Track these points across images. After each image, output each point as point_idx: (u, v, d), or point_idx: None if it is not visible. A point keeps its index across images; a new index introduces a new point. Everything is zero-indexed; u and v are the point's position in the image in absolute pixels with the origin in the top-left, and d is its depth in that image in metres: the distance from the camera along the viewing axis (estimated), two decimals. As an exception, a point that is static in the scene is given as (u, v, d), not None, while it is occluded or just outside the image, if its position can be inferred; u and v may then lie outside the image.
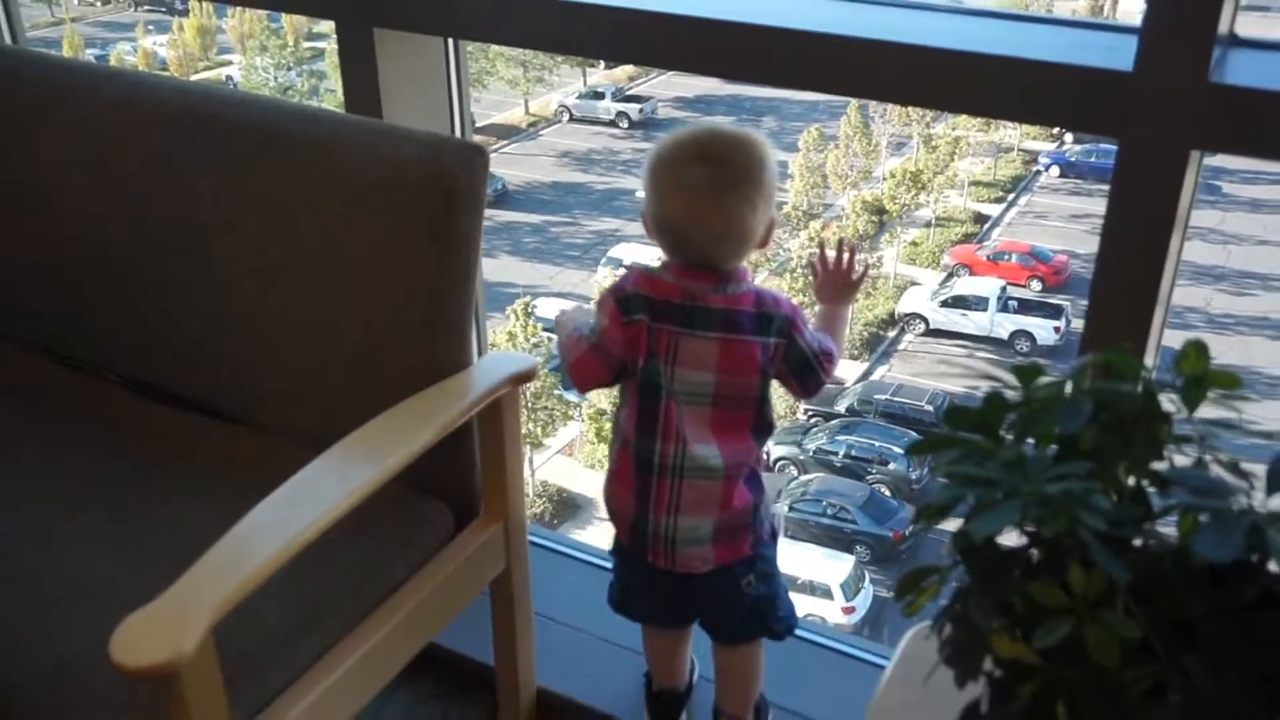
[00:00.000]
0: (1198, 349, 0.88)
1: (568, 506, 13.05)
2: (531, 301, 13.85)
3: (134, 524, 1.49)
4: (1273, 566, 0.83)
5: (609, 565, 2.02)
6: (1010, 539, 0.86)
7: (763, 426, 1.49)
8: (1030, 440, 0.88)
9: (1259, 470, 0.82)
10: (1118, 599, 0.78)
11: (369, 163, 1.52)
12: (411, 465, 1.39)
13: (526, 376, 1.55)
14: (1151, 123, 1.26)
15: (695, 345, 1.43)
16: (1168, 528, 0.85)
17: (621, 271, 13.70)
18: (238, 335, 1.64)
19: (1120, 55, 1.27)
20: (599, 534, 11.43)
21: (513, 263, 14.00)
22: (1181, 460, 0.86)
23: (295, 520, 1.26)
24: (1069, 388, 0.89)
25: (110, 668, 1.10)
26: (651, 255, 1.50)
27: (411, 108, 1.84)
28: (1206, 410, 0.87)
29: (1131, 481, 0.87)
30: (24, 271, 1.83)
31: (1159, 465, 0.87)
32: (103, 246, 1.73)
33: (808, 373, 1.49)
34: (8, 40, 2.43)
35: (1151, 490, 0.87)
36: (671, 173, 1.42)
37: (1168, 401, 0.87)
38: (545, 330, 12.80)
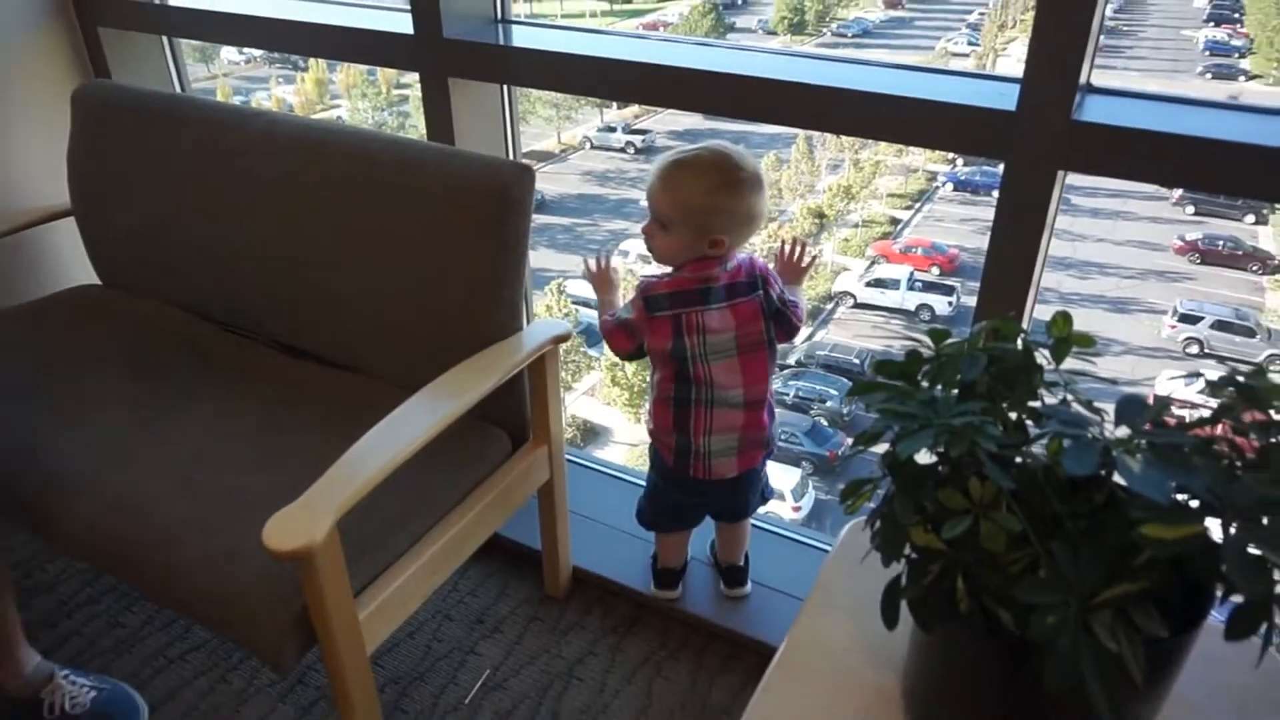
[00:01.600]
0: (1064, 317, 0.87)
1: (592, 433, 13.09)
2: (563, 283, 13.79)
3: (277, 447, 1.49)
4: (1116, 479, 0.83)
5: (625, 476, 2.04)
6: (924, 459, 0.86)
7: (772, 364, 1.50)
8: (939, 385, 0.88)
9: (1108, 407, 0.82)
10: (1003, 502, 0.78)
11: (445, 178, 1.51)
12: (479, 403, 1.39)
13: (564, 338, 1.54)
14: (1029, 149, 1.24)
15: (715, 315, 1.44)
16: (1040, 450, 0.85)
17: (629, 259, 13.64)
18: (352, 307, 1.63)
19: (1006, 98, 1.25)
20: (615, 454, 11.51)
21: (549, 254, 13.95)
22: (1051, 400, 0.85)
23: (396, 442, 1.26)
24: (969, 346, 0.89)
25: (263, 552, 1.11)
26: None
27: (476, 137, 1.82)
28: (1069, 364, 0.87)
29: (1014, 416, 0.87)
30: (196, 260, 1.82)
31: (1034, 404, 0.86)
32: (253, 242, 1.72)
33: (781, 318, 1.49)
34: (179, 89, 2.41)
35: (1029, 423, 0.86)
36: (737, 190, 1.38)
37: (1040, 357, 0.87)
38: (574, 304, 12.74)
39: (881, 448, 0.91)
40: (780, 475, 10.92)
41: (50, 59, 2.23)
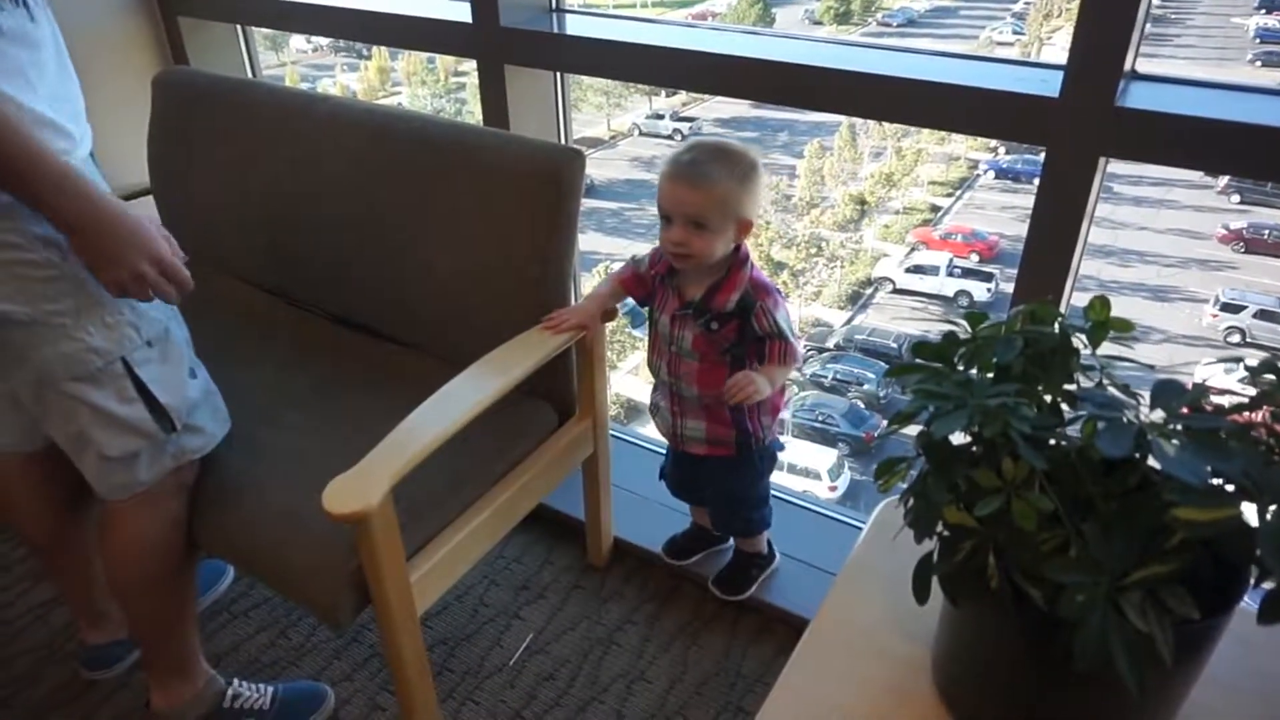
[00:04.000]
0: (1102, 301, 0.85)
1: (634, 410, 13.12)
2: (609, 266, 13.81)
3: (335, 415, 1.51)
4: (1150, 462, 0.81)
5: (662, 451, 2.04)
6: (958, 439, 0.85)
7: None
8: (975, 368, 0.86)
9: (1144, 393, 0.80)
10: (1036, 482, 0.77)
11: (501, 161, 1.51)
12: (528, 377, 1.40)
13: (609, 316, 1.54)
14: (1070, 136, 1.21)
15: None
16: (1073, 433, 0.83)
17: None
18: (409, 284, 1.65)
19: (1050, 85, 1.22)
20: (657, 430, 11.46)
21: (598, 236, 13.94)
22: (1086, 384, 0.84)
23: (447, 415, 1.27)
24: (1005, 329, 0.87)
25: (321, 514, 1.13)
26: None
27: (530, 122, 1.82)
28: (1105, 350, 0.85)
29: (1049, 399, 0.85)
30: (262, 237, 1.85)
31: (1069, 387, 0.85)
32: (317, 221, 1.75)
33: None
34: (251, 76, 2.45)
35: (1063, 406, 0.85)
36: (757, 170, 1.36)
37: (1077, 341, 0.85)
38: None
39: (912, 430, 0.91)
40: (816, 456, 10.87)
41: (133, 46, 2.30)
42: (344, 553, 1.24)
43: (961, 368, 0.88)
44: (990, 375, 0.85)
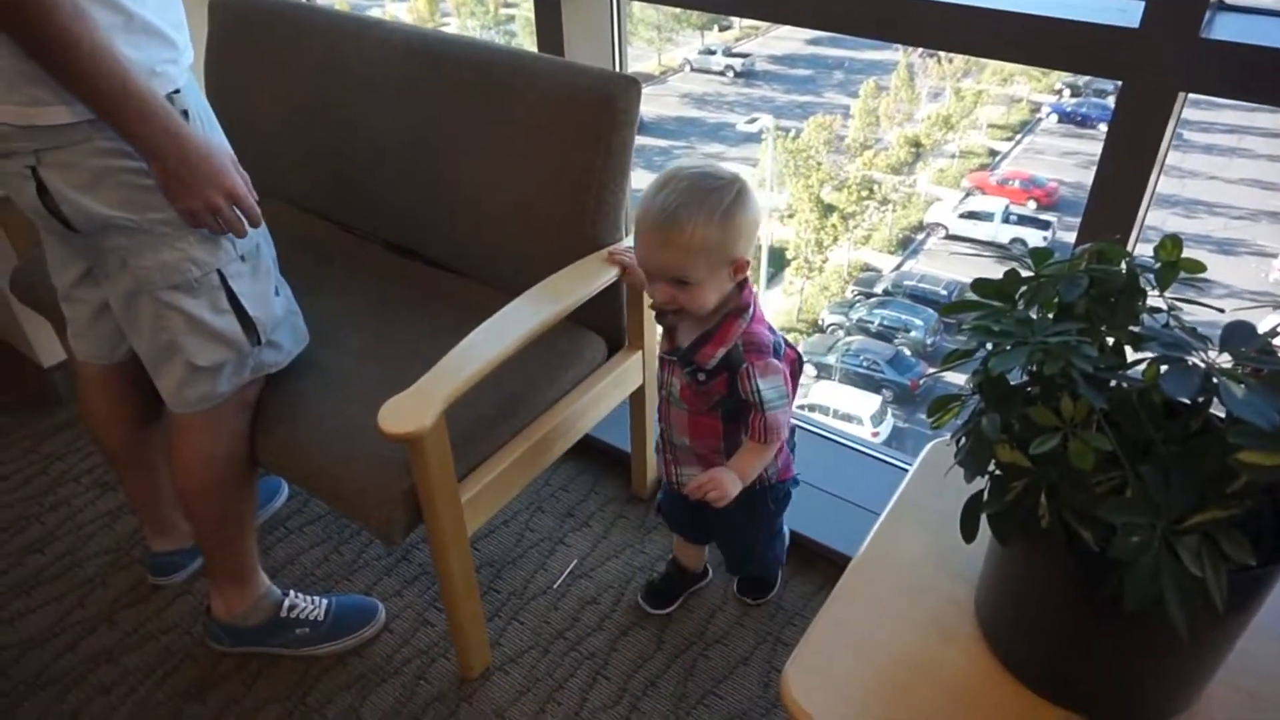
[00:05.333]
0: (1174, 241, 0.82)
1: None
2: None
3: (391, 339, 1.53)
4: (1214, 408, 0.79)
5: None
6: (1014, 378, 0.84)
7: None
8: (1035, 307, 0.85)
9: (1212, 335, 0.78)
10: (1094, 422, 0.76)
11: (556, 89, 1.49)
12: (579, 308, 1.41)
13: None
14: (1150, 68, 1.16)
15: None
16: (1135, 375, 0.81)
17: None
18: (462, 212, 1.65)
19: (1130, 15, 1.17)
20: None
21: (645, 174, 13.84)
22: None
23: (500, 340, 1.28)
24: (1069, 267, 0.85)
25: (377, 433, 1.16)
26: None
27: (586, 50, 1.79)
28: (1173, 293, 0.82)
29: (1110, 341, 0.83)
30: (317, 163, 1.86)
31: (1134, 329, 0.83)
32: (371, 147, 1.75)
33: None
34: (304, 1, 2.43)
35: (1127, 348, 0.83)
36: (742, 201, 1.17)
37: (1144, 282, 0.83)
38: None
39: (956, 378, 0.89)
40: (859, 401, 10.82)
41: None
42: (398, 472, 1.26)
43: (1021, 306, 0.86)
44: (1051, 315, 0.83)
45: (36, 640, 1.64)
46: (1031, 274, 0.86)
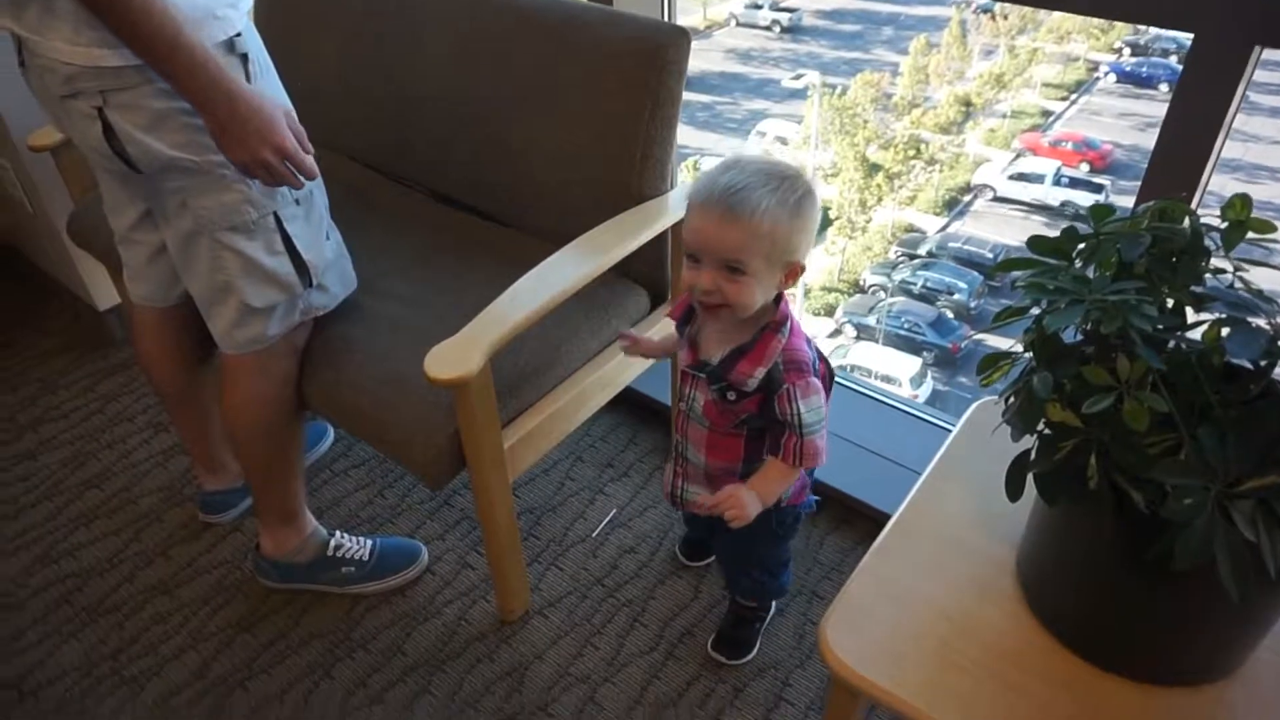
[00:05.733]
0: (1242, 200, 0.80)
1: (718, 306, 13.10)
2: (699, 160, 13.54)
3: (435, 288, 1.54)
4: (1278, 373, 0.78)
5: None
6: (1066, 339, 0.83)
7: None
8: (1093, 265, 0.83)
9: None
10: (1150, 382, 0.74)
11: (604, 39, 1.48)
12: (623, 261, 1.40)
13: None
14: (1224, 20, 1.11)
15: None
16: (1195, 337, 0.80)
17: (766, 139, 13.17)
18: (507, 164, 1.64)
19: (1204, -35, 1.12)
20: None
21: (689, 130, 13.62)
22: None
23: (545, 290, 1.29)
24: (1131, 225, 0.83)
25: (422, 379, 1.17)
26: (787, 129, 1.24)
27: (634, 1, 1.76)
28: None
29: (1170, 302, 0.82)
30: (364, 112, 1.86)
31: (1196, 289, 0.81)
32: (422, 98, 1.74)
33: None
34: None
35: (1188, 309, 0.81)
36: (813, 196, 1.07)
37: (1210, 241, 0.81)
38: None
39: (998, 342, 0.88)
40: (899, 363, 10.73)
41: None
42: (443, 417, 1.28)
43: (1079, 264, 0.85)
44: (1109, 274, 0.81)
45: (96, 570, 1.70)
46: (1090, 231, 0.84)
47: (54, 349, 2.24)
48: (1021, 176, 12.71)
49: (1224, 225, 0.79)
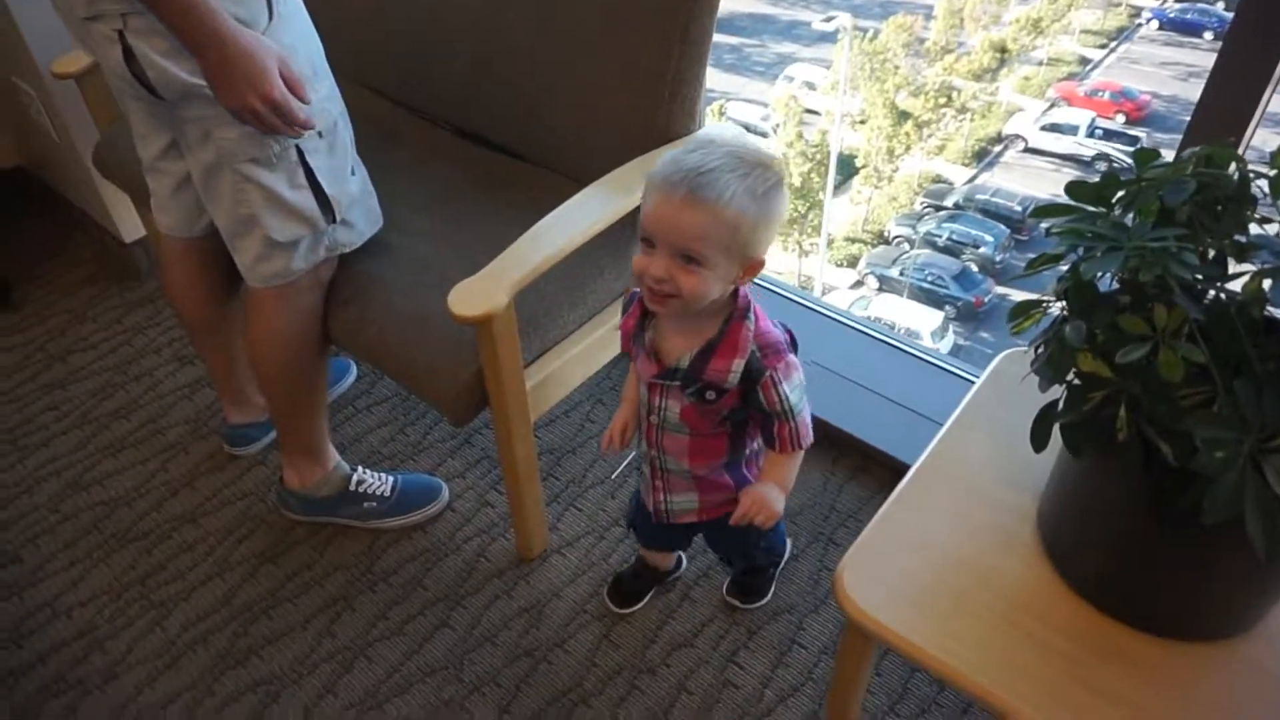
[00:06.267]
0: (1293, 147, 0.77)
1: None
2: (724, 105, 13.31)
3: (460, 225, 1.53)
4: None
5: (780, 290, 2.01)
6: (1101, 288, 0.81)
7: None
8: (1133, 212, 0.81)
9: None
10: (1186, 333, 0.73)
11: (634, -28, 1.43)
12: (649, 201, 1.38)
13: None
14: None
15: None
16: (1235, 289, 0.78)
17: (794, 84, 12.88)
18: (533, 100, 1.61)
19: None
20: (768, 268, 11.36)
21: (715, 73, 13.43)
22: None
23: (569, 229, 1.28)
24: (1174, 170, 0.80)
25: (446, 316, 1.17)
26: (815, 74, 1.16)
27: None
28: None
29: (1213, 252, 0.80)
30: (389, 46, 1.83)
31: (1241, 238, 0.78)
32: (451, 31, 1.70)
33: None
34: None
35: (1230, 260, 0.79)
36: (782, 186, 0.98)
37: (1257, 189, 0.78)
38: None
39: (1020, 296, 0.86)
40: (920, 315, 10.64)
41: None
42: (466, 354, 1.28)
43: (1119, 211, 0.82)
44: (1150, 222, 0.79)
45: (124, 499, 1.73)
46: (1132, 177, 0.82)
47: (81, 281, 2.25)
48: (1054, 127, 12.42)
49: (1273, 173, 0.77)
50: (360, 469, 1.64)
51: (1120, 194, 0.82)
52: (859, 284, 11.68)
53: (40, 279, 2.26)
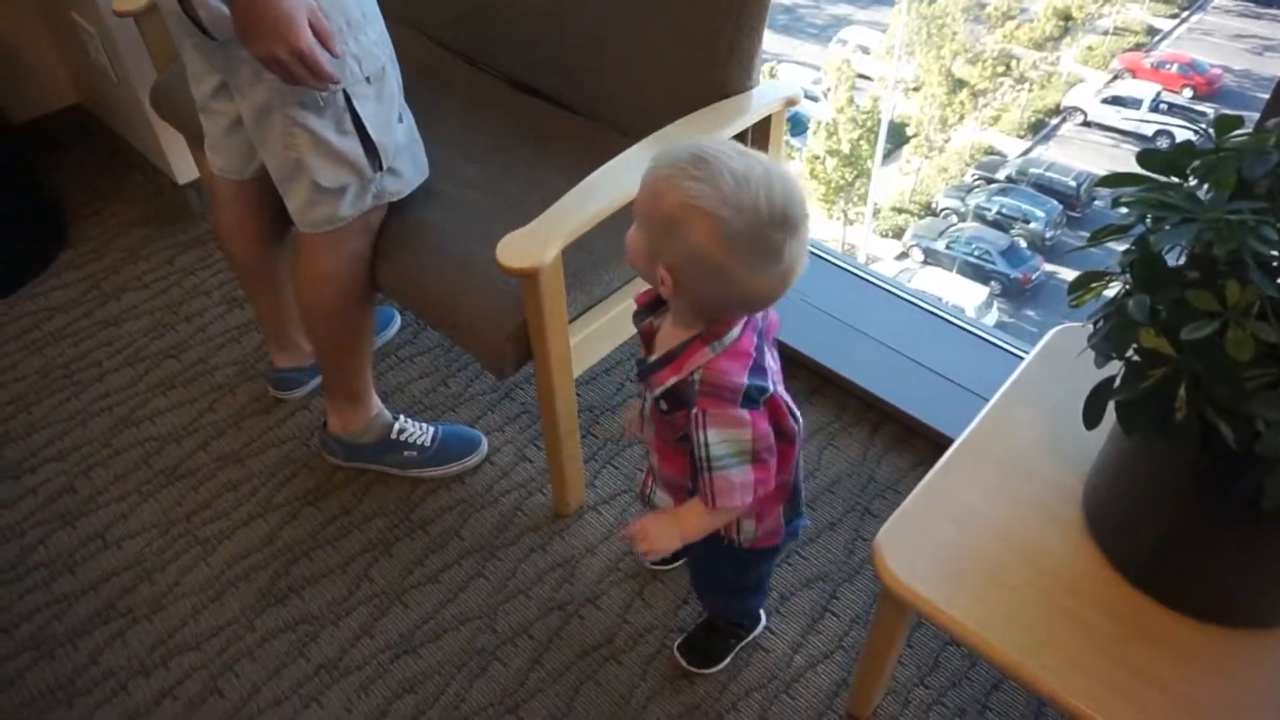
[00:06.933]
0: (1387, 122, 0.74)
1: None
2: (775, 67, 13.06)
3: (511, 175, 1.52)
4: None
5: (825, 256, 1.98)
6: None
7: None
8: (1207, 184, 0.78)
9: None
10: (1258, 310, 0.71)
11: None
12: (701, 159, 1.37)
13: (793, 101, 1.46)
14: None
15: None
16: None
17: (847, 48, 12.59)
18: (591, 52, 1.59)
19: None
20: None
21: (768, 34, 13.18)
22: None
23: (621, 184, 1.26)
24: (1255, 141, 0.77)
25: (494, 267, 1.17)
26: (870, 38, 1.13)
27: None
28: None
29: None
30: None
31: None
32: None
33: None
34: None
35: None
36: (755, 251, 0.86)
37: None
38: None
39: (1068, 275, 0.84)
40: (964, 290, 10.46)
41: None
42: (512, 306, 1.28)
43: (1193, 182, 0.80)
44: (1226, 193, 0.76)
45: (173, 436, 1.77)
46: (1210, 146, 0.79)
47: (136, 220, 2.29)
48: (1116, 100, 12.02)
49: (1361, 148, 0.73)
50: (402, 417, 1.67)
51: (1195, 164, 0.79)
52: (904, 255, 11.50)
53: (95, 216, 2.30)
